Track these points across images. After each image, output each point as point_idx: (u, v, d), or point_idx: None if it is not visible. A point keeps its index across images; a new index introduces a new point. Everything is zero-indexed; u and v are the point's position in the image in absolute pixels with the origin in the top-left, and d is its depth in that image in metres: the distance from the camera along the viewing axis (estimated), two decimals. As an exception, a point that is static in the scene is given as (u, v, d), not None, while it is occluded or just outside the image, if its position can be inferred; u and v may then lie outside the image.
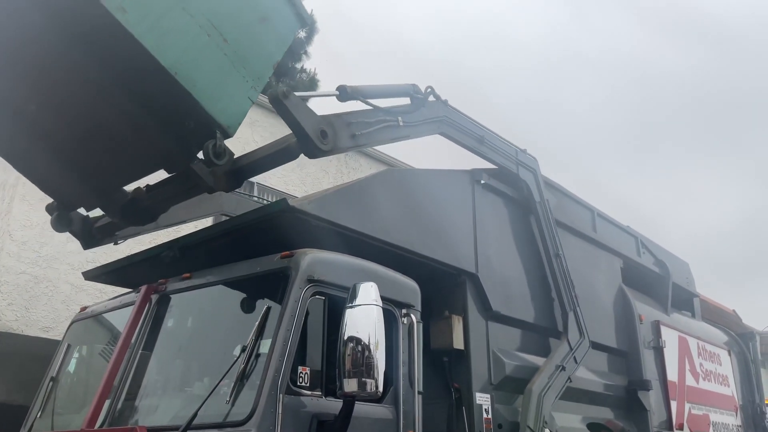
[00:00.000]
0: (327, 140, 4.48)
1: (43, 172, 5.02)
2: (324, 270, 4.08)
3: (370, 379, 3.58)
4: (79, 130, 4.48)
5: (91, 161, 4.71)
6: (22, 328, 9.75)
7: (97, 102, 4.20)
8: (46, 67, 4.15)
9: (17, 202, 10.03)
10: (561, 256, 6.54)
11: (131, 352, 4.49)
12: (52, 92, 4.33)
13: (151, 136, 4.23)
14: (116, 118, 4.23)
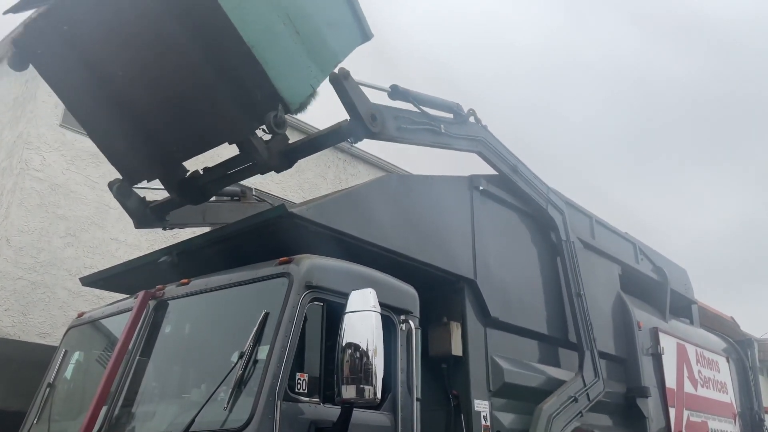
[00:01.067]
0: (376, 124, 4.88)
1: (115, 141, 5.43)
2: (322, 276, 4.07)
3: (368, 386, 3.57)
4: (157, 98, 4.94)
5: (162, 131, 5.13)
6: (19, 334, 9.71)
7: (179, 71, 4.70)
8: (139, 34, 4.70)
9: (15, 207, 10.02)
10: (582, 296, 6.64)
11: (128, 358, 4.46)
12: (141, 59, 4.84)
13: (222, 105, 4.68)
14: (193, 88, 4.73)
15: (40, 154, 10.47)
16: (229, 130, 4.85)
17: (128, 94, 5.05)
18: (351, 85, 4.75)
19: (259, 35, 4.55)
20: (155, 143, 5.20)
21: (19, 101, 11.10)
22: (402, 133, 5.23)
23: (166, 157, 5.31)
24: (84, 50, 5.03)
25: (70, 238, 10.52)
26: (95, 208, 10.94)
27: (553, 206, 6.89)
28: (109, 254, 10.66)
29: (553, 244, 6.85)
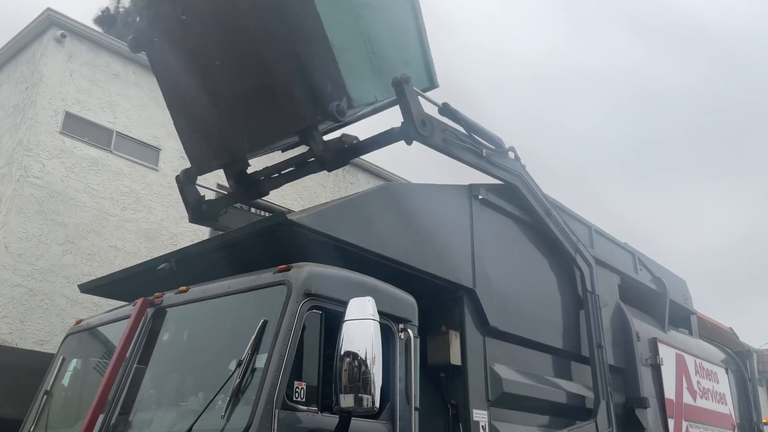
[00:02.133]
0: (426, 129, 5.31)
1: (195, 127, 6.10)
2: (321, 284, 4.07)
3: (366, 395, 3.55)
4: (241, 88, 5.61)
5: (237, 120, 5.77)
6: (17, 342, 9.69)
7: (266, 61, 5.39)
8: (242, 26, 5.42)
9: (14, 214, 10.01)
10: (603, 348, 6.71)
11: (126, 366, 4.44)
12: (237, 49, 5.54)
13: (295, 94, 5.30)
14: (273, 77, 5.40)
15: (40, 161, 10.48)
16: (297, 116, 5.40)
17: (218, 83, 5.76)
18: (409, 90, 5.22)
19: (341, 40, 5.32)
20: (229, 132, 5.85)
21: (19, 108, 11.12)
22: (447, 145, 5.58)
23: (235, 147, 5.91)
24: (192, 39, 5.80)
25: (68, 245, 10.51)
26: (94, 216, 10.94)
27: (581, 257, 7.02)
28: (108, 261, 10.65)
29: (556, 255, 6.85)
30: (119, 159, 11.59)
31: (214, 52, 5.72)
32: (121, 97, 11.94)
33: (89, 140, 11.24)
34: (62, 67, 11.16)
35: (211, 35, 5.72)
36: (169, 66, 6.11)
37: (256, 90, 5.57)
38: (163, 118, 12.48)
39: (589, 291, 6.90)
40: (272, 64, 5.41)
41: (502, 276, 6.05)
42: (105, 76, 11.80)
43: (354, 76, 5.35)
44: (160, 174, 12.15)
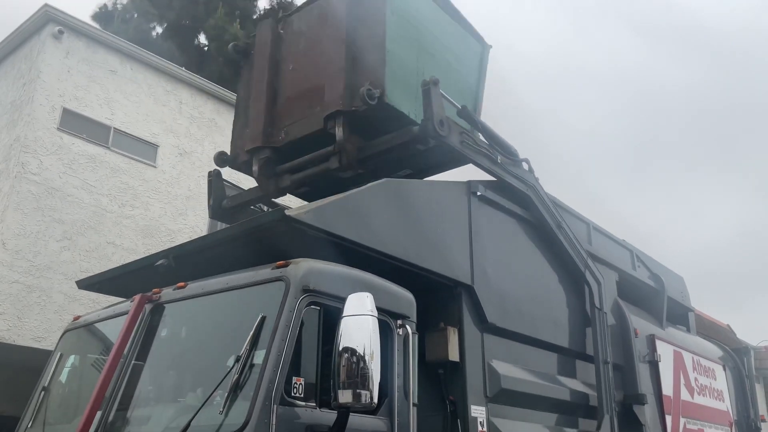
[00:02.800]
0: (444, 128, 5.57)
1: (248, 120, 6.59)
2: (319, 280, 4.06)
3: (364, 391, 3.55)
4: (299, 89, 6.26)
5: (287, 115, 6.27)
6: (14, 338, 9.68)
7: (327, 62, 6.03)
8: (321, 36, 6.25)
9: (11, 211, 10.00)
10: (609, 364, 6.73)
11: (124, 362, 4.44)
12: (310, 57, 6.30)
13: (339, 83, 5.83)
14: (327, 75, 5.98)
15: (37, 157, 10.46)
16: (332, 103, 5.80)
17: (285, 84, 6.44)
18: (435, 92, 5.55)
19: (397, 56, 5.92)
20: (273, 124, 6.35)
21: (17, 104, 11.10)
22: (463, 147, 5.85)
23: (273, 136, 6.33)
24: (280, 50, 6.64)
25: (66, 242, 10.51)
26: (92, 212, 10.93)
27: (590, 273, 7.04)
28: (106, 258, 10.65)
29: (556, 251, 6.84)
30: (117, 155, 11.58)
31: (293, 59, 6.50)
32: (119, 93, 11.93)
33: (87, 137, 11.23)
34: (60, 63, 11.14)
35: (297, 46, 6.53)
36: (253, 72, 6.77)
37: (310, 89, 6.14)
38: (161, 115, 12.50)
39: (597, 307, 6.93)
40: (330, 64, 5.99)
41: (500, 272, 6.05)
42: (102, 72, 11.78)
43: (396, 86, 5.80)
44: (158, 170, 12.15)
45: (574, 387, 6.48)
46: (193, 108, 13.10)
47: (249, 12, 21.16)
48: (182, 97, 12.97)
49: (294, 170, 6.27)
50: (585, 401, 6.56)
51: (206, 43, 20.92)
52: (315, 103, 6.00)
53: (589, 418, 6.53)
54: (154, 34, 20.68)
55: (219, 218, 7.15)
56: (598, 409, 6.51)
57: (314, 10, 6.58)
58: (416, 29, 6.30)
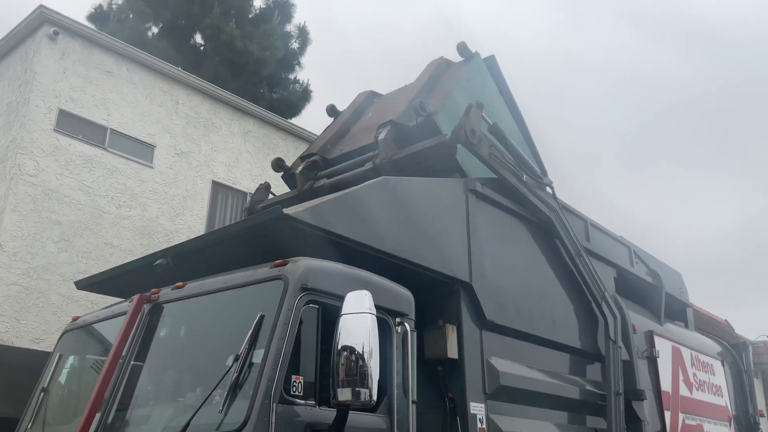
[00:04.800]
0: (474, 137, 5.85)
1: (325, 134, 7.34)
2: (318, 278, 4.06)
3: (363, 389, 3.55)
4: (367, 125, 6.89)
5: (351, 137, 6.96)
6: (13, 340, 9.67)
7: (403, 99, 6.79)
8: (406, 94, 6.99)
9: (8, 212, 9.98)
10: (621, 395, 6.76)
11: (123, 362, 4.43)
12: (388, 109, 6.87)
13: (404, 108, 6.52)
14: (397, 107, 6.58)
15: (34, 159, 10.45)
16: (392, 115, 6.45)
17: (358, 123, 7.24)
18: (476, 111, 5.98)
19: (458, 98, 6.61)
20: (339, 141, 7.01)
21: (13, 106, 11.07)
22: (491, 159, 6.09)
23: (328, 150, 6.88)
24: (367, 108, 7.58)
25: (63, 243, 10.49)
26: (89, 213, 10.92)
27: (607, 306, 7.09)
28: (103, 259, 10.64)
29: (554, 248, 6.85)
30: (113, 156, 11.56)
31: (371, 110, 7.43)
32: (115, 94, 11.91)
33: (83, 138, 11.21)
34: (55, 64, 11.12)
35: (379, 104, 7.55)
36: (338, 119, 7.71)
37: (375, 125, 6.63)
38: (158, 115, 12.49)
39: (612, 340, 6.95)
40: (397, 105, 6.76)
41: (498, 269, 6.05)
42: (98, 73, 11.76)
43: (447, 116, 6.30)
44: (155, 171, 12.13)
45: (573, 383, 6.50)
46: (189, 108, 13.09)
47: (245, 11, 21.13)
48: (178, 97, 12.96)
49: (332, 175, 6.66)
50: (585, 397, 6.58)
51: (202, 42, 20.89)
52: (374, 131, 6.54)
53: (590, 414, 6.55)
54: (150, 34, 20.64)
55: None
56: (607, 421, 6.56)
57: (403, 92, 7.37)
58: (480, 97, 6.75)
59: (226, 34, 19.27)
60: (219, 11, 19.68)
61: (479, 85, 7.21)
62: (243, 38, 19.40)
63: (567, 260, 6.90)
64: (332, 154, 6.87)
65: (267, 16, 21.23)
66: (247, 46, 19.39)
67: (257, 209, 7.23)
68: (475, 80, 7.18)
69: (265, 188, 7.53)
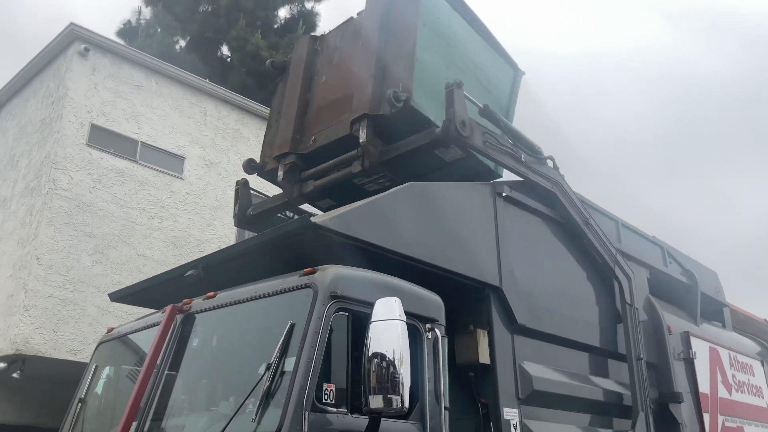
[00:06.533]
0: (465, 129, 5.48)
1: (278, 129, 6.72)
2: (347, 286, 4.07)
3: (395, 395, 3.55)
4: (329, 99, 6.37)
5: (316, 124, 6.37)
6: (51, 352, 9.86)
7: (358, 71, 6.07)
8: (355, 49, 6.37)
9: (44, 226, 10.19)
10: (642, 360, 6.63)
11: (157, 372, 4.49)
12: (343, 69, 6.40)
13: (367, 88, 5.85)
14: (357, 84, 6.00)
15: (68, 173, 10.66)
16: (359, 108, 5.82)
17: (316, 95, 6.59)
18: (458, 94, 5.49)
19: (426, 59, 5.95)
20: (302, 131, 6.43)
21: (46, 122, 11.32)
22: (487, 147, 5.77)
23: (300, 144, 6.40)
24: (315, 64, 6.85)
25: (98, 255, 10.69)
26: (122, 225, 11.10)
27: (620, 269, 6.94)
28: (137, 270, 10.80)
29: (583, 250, 6.79)
30: (145, 169, 11.75)
31: (325, 71, 6.68)
32: (145, 107, 12.11)
33: (115, 151, 11.42)
34: (87, 80, 11.35)
35: (330, 61, 6.71)
36: (287, 86, 6.97)
37: (340, 98, 6.24)
38: (187, 127, 12.66)
39: (628, 304, 6.82)
40: (360, 73, 6.06)
41: (529, 273, 6.00)
42: (128, 87, 11.97)
43: (423, 92, 5.78)
44: (185, 182, 12.30)
45: (608, 387, 6.40)
46: (217, 119, 13.25)
47: (270, 22, 21.37)
48: (207, 109, 13.13)
49: (318, 176, 6.27)
50: (619, 401, 6.47)
51: (229, 54, 21.16)
52: (344, 110, 6.06)
53: (623, 418, 6.45)
54: (178, 48, 20.97)
55: (244, 226, 7.23)
56: (632, 407, 6.42)
57: (349, 27, 6.73)
58: (447, 44, 6.35)
59: (252, 45, 19.50)
60: (244, 23, 19.92)
61: (440, 26, 6.36)
62: (269, 49, 19.60)
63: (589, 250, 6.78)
64: (306, 148, 6.36)
65: (292, 27, 21.44)
66: (273, 57, 19.57)
67: (249, 215, 7.00)
68: (433, 20, 6.26)
69: (244, 185, 7.13)
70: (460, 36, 6.59)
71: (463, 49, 6.59)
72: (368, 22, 6.36)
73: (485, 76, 6.84)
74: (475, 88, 6.47)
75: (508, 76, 7.28)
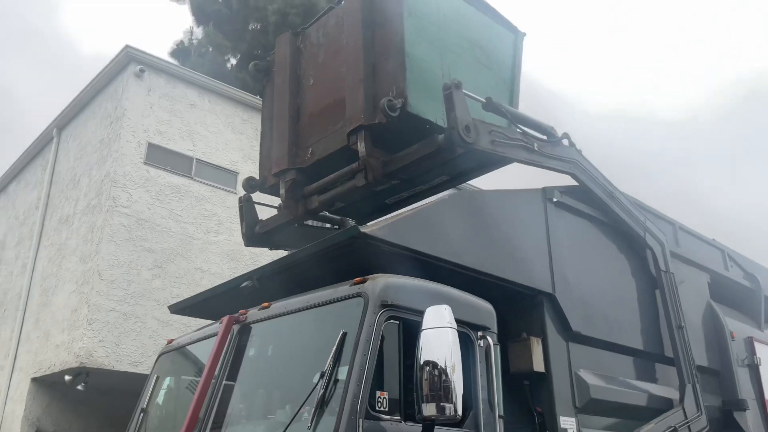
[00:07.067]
0: (470, 135, 5.07)
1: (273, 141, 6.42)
2: (397, 294, 4.10)
3: (448, 404, 3.56)
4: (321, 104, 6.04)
5: (311, 134, 6.06)
6: (113, 364, 10.17)
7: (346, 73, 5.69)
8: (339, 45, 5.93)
9: (105, 243, 10.55)
10: (684, 329, 6.45)
11: (215, 382, 4.59)
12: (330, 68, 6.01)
13: (360, 94, 5.45)
14: (348, 87, 5.63)
15: (127, 191, 11.02)
16: (354, 118, 5.43)
17: (306, 100, 6.24)
18: (458, 96, 5.07)
19: (418, 58, 5.47)
20: (298, 143, 6.11)
21: (105, 142, 11.74)
22: (495, 146, 5.36)
23: (298, 157, 6.09)
24: (301, 65, 6.41)
25: (157, 270, 10.99)
26: (179, 240, 11.40)
27: (651, 235, 6.74)
28: (194, 283, 11.06)
29: (637, 254, 6.66)
30: (200, 185, 12.05)
31: (312, 73, 6.26)
32: (199, 125, 12.44)
33: (171, 168, 11.75)
34: (143, 100, 11.73)
35: (316, 59, 6.27)
36: (275, 90, 6.57)
37: (331, 105, 5.85)
38: (240, 143, 12.94)
39: (662, 270, 6.60)
40: (349, 75, 5.62)
41: (582, 279, 5.92)
42: (183, 106, 12.32)
43: (419, 93, 5.33)
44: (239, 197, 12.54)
45: (667, 394, 6.24)
46: (268, 134, 13.50)
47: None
48: (258, 125, 13.35)
49: (321, 190, 6.00)
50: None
51: (278, 70, 21.54)
52: (337, 118, 5.72)
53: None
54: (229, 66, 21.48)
55: (254, 244, 6.92)
56: (678, 379, 6.24)
57: (331, 19, 6.25)
58: (438, 28, 5.79)
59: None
60: (292, 39, 20.23)
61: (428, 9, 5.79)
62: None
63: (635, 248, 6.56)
64: (304, 162, 6.02)
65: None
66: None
67: (257, 233, 6.71)
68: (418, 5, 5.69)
69: (248, 201, 6.80)
70: (450, 14, 6.00)
71: (456, 29, 6.03)
72: (350, 15, 5.86)
73: (483, 53, 6.26)
74: (474, 68, 6.09)
75: (507, 44, 6.64)
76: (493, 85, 6.14)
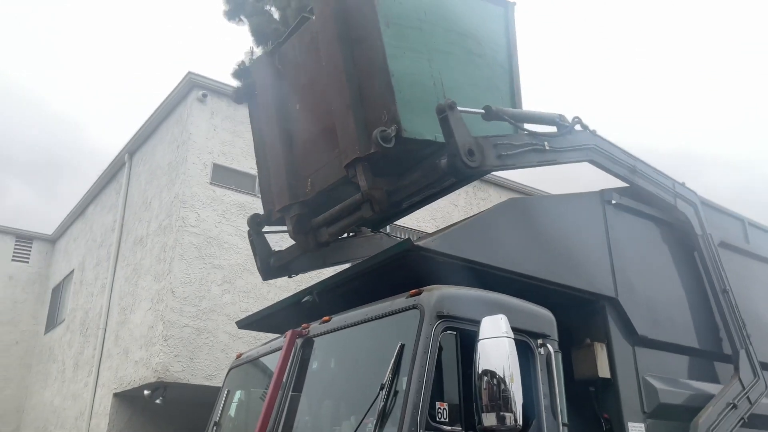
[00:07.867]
0: (474, 158, 4.72)
1: (271, 173, 6.33)
2: (453, 305, 4.13)
3: (508, 413, 3.58)
4: (312, 132, 5.85)
5: (307, 163, 5.93)
6: (188, 378, 10.54)
7: (332, 94, 5.43)
8: (320, 66, 5.61)
9: (176, 261, 10.97)
10: (729, 291, 6.22)
11: (282, 394, 4.72)
12: (315, 92, 5.76)
13: (352, 124, 5.19)
14: (336, 114, 5.38)
15: (195, 211, 11.43)
16: (349, 150, 5.20)
17: (295, 127, 6.04)
18: (454, 116, 4.70)
19: (404, 73, 5.11)
20: (296, 175, 5.97)
21: (173, 165, 12.21)
22: (504, 160, 5.01)
23: (298, 189, 5.96)
24: (283, 88, 6.15)
25: (226, 285, 11.34)
26: (246, 256, 11.71)
27: (682, 200, 6.43)
28: (262, 297, 11.36)
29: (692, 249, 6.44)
30: (263, 201, 12.36)
31: (297, 96, 6.04)
32: (260, 143, 12.77)
33: (236, 187, 12.12)
34: (206, 123, 12.16)
35: (298, 80, 6.04)
36: (262, 115, 6.40)
37: (323, 132, 5.62)
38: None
39: (698, 234, 6.33)
40: (336, 99, 5.36)
41: (646, 281, 5.80)
42: (244, 126, 12.62)
43: (412, 112, 5.01)
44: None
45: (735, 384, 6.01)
46: (327, 148, 13.72)
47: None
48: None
49: (329, 222, 5.88)
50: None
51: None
52: (332, 144, 5.48)
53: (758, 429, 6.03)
54: (288, 83, 21.93)
55: (271, 276, 6.91)
56: (731, 346, 6.00)
57: (305, 35, 5.93)
58: (420, 31, 5.40)
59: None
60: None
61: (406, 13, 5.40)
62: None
63: None
64: (306, 194, 5.90)
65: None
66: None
67: (271, 264, 6.72)
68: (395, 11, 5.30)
69: (257, 234, 6.75)
70: (431, 9, 5.56)
71: (441, 25, 5.59)
72: (324, 31, 5.53)
73: (474, 41, 5.83)
74: (467, 62, 5.73)
75: (499, 21, 6.15)
76: (489, 75, 5.85)
